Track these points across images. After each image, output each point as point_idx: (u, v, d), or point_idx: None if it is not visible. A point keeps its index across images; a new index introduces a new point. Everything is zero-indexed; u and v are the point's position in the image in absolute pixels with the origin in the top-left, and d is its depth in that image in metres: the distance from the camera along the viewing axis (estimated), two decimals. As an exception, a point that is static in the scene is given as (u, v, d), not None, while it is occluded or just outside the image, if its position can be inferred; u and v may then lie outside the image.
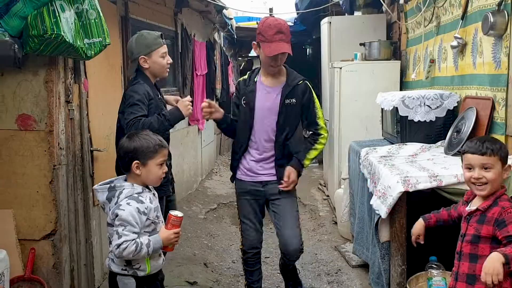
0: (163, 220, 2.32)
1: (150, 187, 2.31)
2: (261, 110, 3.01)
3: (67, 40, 2.57)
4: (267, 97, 3.01)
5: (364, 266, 3.86)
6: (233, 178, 3.20)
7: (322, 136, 3.06)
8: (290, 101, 2.98)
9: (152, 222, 2.22)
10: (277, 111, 2.98)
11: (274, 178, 3.05)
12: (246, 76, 3.14)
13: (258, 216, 3.16)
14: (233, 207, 6.33)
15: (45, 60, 2.90)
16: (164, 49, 3.06)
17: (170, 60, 3.13)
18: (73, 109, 3.15)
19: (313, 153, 3.05)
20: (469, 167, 2.19)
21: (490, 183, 2.14)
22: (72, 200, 3.17)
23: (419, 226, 2.51)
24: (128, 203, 2.15)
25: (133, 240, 2.11)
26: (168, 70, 3.15)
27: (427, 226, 2.51)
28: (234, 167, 3.17)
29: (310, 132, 3.08)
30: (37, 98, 2.93)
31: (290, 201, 3.07)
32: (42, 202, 2.98)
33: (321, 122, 3.07)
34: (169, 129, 2.95)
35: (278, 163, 3.04)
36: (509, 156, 2.70)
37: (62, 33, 2.53)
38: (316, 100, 3.08)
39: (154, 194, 2.31)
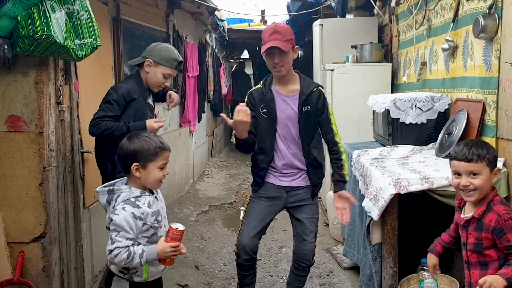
0: (167, 224, 2.24)
1: (153, 190, 2.24)
2: (281, 118, 2.96)
3: (58, 41, 2.55)
4: (285, 106, 2.97)
5: (356, 268, 3.87)
6: (257, 187, 3.07)
7: (339, 144, 3.03)
8: (306, 108, 2.96)
9: (150, 227, 2.15)
10: (297, 120, 2.96)
11: (299, 184, 3.03)
12: (259, 86, 3.05)
13: (263, 223, 3.07)
14: (225, 209, 6.31)
15: (35, 61, 2.88)
16: (171, 72, 3.13)
17: (167, 83, 3.20)
18: (64, 111, 3.12)
19: (345, 166, 3.03)
20: (457, 174, 2.16)
21: (479, 189, 2.10)
22: (62, 202, 3.14)
23: (430, 258, 2.45)
24: (123, 208, 2.09)
25: (126, 247, 2.05)
26: (159, 88, 3.20)
27: (439, 253, 2.44)
28: (259, 182, 3.06)
29: (328, 144, 3.06)
30: (27, 99, 2.90)
31: (313, 208, 3.09)
32: (32, 205, 2.95)
33: (334, 128, 3.05)
34: None
35: (309, 170, 3.02)
36: (498, 159, 2.73)
37: (53, 33, 2.50)
38: (330, 107, 3.08)
39: (156, 198, 2.23)
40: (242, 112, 2.73)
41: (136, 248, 2.07)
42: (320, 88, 3.02)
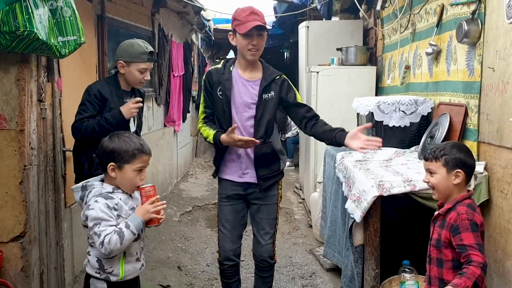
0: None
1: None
2: (238, 103, 2.85)
3: (40, 37, 2.51)
4: (244, 90, 2.86)
5: (338, 270, 3.88)
6: (216, 174, 3.00)
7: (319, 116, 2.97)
8: (267, 95, 2.86)
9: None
10: (254, 105, 2.85)
11: (251, 180, 2.91)
12: (219, 65, 2.95)
13: (238, 224, 2.99)
14: (208, 210, 6.29)
15: (17, 57, 2.83)
16: (145, 65, 3.07)
17: (148, 78, 3.16)
18: (46, 108, 3.08)
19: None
20: (424, 170, 2.33)
21: (435, 188, 2.25)
22: (43, 202, 3.09)
23: None
24: (96, 201, 2.08)
25: (113, 231, 2.03)
26: (141, 85, 3.19)
27: None
28: (219, 161, 2.97)
29: (312, 118, 2.94)
30: (8, 96, 2.85)
31: (268, 208, 2.99)
32: (12, 203, 2.90)
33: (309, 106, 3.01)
34: (112, 130, 2.74)
35: (258, 162, 2.88)
36: (479, 163, 2.77)
37: (35, 30, 2.46)
38: (297, 91, 2.97)
39: (131, 196, 2.20)
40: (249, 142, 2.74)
41: (119, 226, 2.06)
42: (283, 75, 2.95)
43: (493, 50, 2.72)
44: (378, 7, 4.75)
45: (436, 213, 2.30)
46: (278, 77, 2.91)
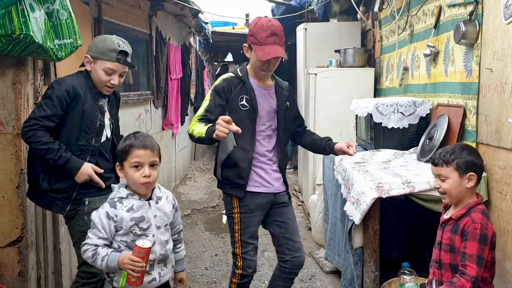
0: (161, 234, 2.15)
1: (153, 195, 2.18)
2: (262, 112, 2.77)
3: (37, 40, 2.50)
4: (264, 99, 2.78)
5: (338, 272, 3.86)
6: (244, 193, 2.77)
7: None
8: (287, 104, 2.85)
9: (130, 232, 2.08)
10: (276, 115, 2.82)
11: (283, 187, 2.89)
12: (232, 74, 2.78)
13: (257, 235, 2.89)
14: (207, 213, 6.27)
15: (13, 60, 2.82)
16: (112, 65, 2.62)
17: (114, 81, 2.66)
18: (42, 112, 3.06)
19: None
20: (434, 176, 2.25)
21: (448, 193, 2.16)
22: (40, 206, 3.07)
23: None
24: (102, 206, 2.12)
25: (94, 245, 2.06)
26: (107, 89, 2.69)
27: None
28: (242, 185, 2.76)
29: (304, 130, 3.04)
30: (4, 100, 2.84)
31: (292, 209, 2.96)
32: (8, 208, 2.88)
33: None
34: (54, 165, 2.53)
35: (281, 169, 2.89)
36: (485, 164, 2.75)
37: (31, 33, 2.45)
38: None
39: (149, 204, 2.13)
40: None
41: (102, 250, 2.06)
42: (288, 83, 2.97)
43: (490, 51, 2.72)
44: (376, 9, 4.75)
45: (447, 217, 2.21)
46: (289, 84, 2.95)
